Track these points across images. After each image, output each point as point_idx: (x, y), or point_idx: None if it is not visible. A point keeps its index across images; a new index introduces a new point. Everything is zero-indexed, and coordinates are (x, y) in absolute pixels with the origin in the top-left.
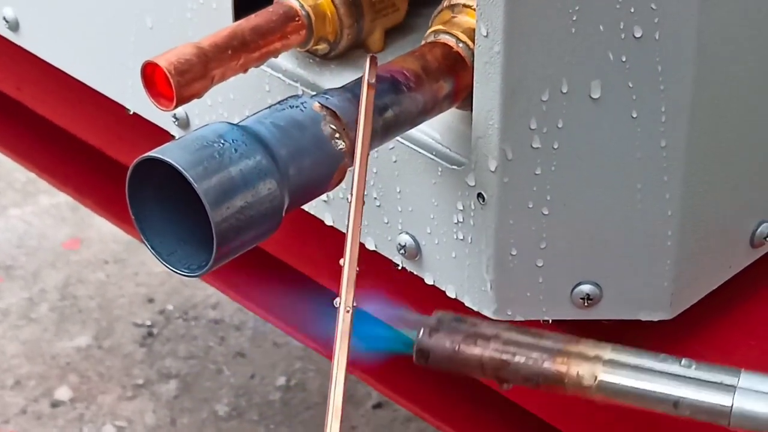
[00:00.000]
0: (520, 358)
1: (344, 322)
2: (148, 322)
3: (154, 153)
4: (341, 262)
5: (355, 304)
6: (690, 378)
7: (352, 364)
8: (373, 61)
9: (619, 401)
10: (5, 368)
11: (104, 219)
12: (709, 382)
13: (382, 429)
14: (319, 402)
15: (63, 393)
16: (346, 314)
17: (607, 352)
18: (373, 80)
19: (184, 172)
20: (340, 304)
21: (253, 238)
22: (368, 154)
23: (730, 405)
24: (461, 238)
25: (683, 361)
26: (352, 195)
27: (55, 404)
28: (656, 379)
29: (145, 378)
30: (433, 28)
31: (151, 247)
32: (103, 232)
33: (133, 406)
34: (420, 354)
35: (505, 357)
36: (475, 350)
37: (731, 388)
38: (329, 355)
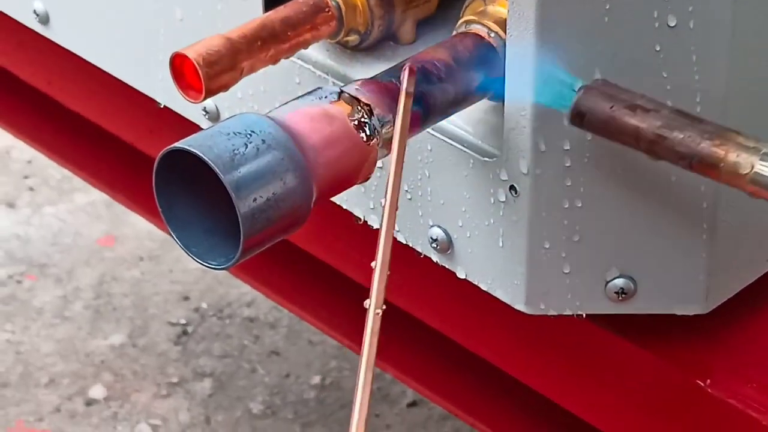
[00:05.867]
0: (678, 135)
1: (374, 323)
2: (183, 321)
3: (181, 144)
4: (373, 264)
5: (384, 307)
6: None
7: None
8: (412, 71)
9: None
10: (40, 366)
11: (137, 214)
12: None
13: (417, 427)
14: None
15: (97, 391)
16: (376, 315)
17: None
18: (411, 89)
19: (211, 163)
20: (370, 305)
21: (281, 230)
22: (403, 159)
23: None
24: (493, 231)
25: None
26: (386, 199)
27: (90, 403)
28: None
29: (179, 376)
30: (464, 19)
31: (178, 239)
32: (138, 230)
33: (168, 405)
34: (576, 114)
35: (663, 132)
36: (633, 119)
37: None
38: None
